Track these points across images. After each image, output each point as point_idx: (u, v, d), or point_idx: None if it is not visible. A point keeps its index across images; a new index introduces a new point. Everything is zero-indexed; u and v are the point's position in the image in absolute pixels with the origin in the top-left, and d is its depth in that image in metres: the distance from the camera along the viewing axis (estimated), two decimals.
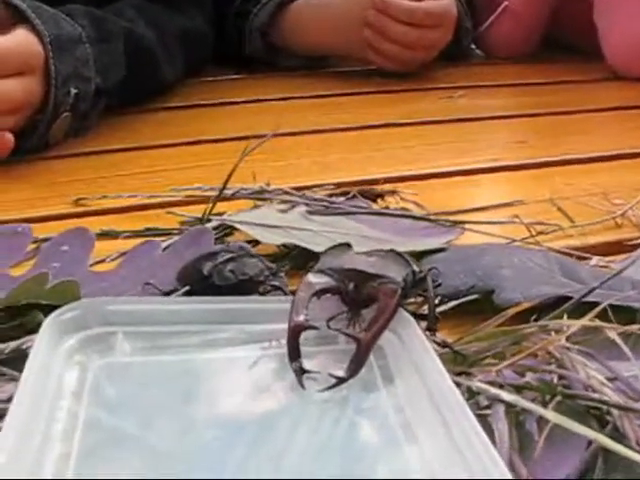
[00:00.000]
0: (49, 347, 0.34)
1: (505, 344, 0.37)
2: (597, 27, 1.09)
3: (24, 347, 0.38)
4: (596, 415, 0.33)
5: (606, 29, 1.09)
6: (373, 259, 0.38)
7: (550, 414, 0.30)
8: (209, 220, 0.55)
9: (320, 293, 0.37)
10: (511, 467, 0.30)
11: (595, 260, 0.52)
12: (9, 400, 0.32)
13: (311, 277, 0.37)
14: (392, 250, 0.39)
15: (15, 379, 0.35)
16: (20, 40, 0.68)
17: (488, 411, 0.33)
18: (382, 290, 0.36)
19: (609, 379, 0.34)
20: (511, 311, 0.39)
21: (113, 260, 0.52)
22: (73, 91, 0.72)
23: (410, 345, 0.36)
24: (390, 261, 0.38)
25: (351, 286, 0.37)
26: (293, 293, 0.38)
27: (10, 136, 0.68)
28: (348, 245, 0.40)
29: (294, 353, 0.35)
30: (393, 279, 0.37)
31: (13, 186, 0.67)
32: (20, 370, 0.33)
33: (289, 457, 0.31)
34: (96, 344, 0.36)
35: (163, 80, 0.94)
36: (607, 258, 0.52)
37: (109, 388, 0.34)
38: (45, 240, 0.53)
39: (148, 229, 0.56)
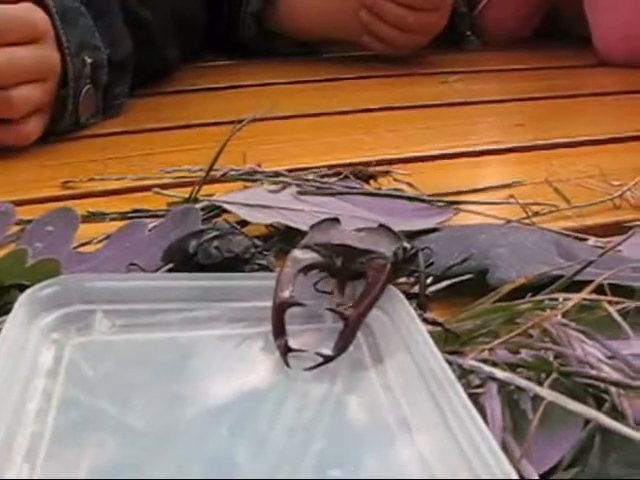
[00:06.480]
0: (24, 323, 0.33)
1: (498, 322, 0.35)
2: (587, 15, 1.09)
3: None
4: (593, 394, 0.31)
5: (593, 17, 1.08)
6: (362, 234, 0.37)
7: (545, 391, 0.29)
8: (197, 200, 0.54)
9: (307, 269, 0.36)
10: (504, 447, 0.29)
11: (592, 241, 0.51)
12: None
13: (297, 253, 0.36)
14: (382, 225, 0.38)
15: None
16: (26, 6, 0.67)
17: (481, 390, 0.31)
18: (371, 265, 0.35)
19: (607, 357, 0.33)
20: (506, 288, 0.37)
21: (99, 242, 0.50)
22: (88, 60, 0.71)
23: (400, 323, 0.34)
24: (380, 236, 0.37)
25: (339, 262, 0.35)
26: None
27: (32, 126, 0.68)
28: (336, 220, 0.38)
29: (279, 331, 0.33)
30: (382, 254, 0.35)
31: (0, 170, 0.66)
32: None
33: (273, 438, 0.30)
34: (74, 322, 0.35)
35: (166, 60, 0.92)
36: (604, 239, 0.51)
37: (87, 367, 0.33)
38: (30, 222, 0.51)
39: (135, 211, 0.55)
